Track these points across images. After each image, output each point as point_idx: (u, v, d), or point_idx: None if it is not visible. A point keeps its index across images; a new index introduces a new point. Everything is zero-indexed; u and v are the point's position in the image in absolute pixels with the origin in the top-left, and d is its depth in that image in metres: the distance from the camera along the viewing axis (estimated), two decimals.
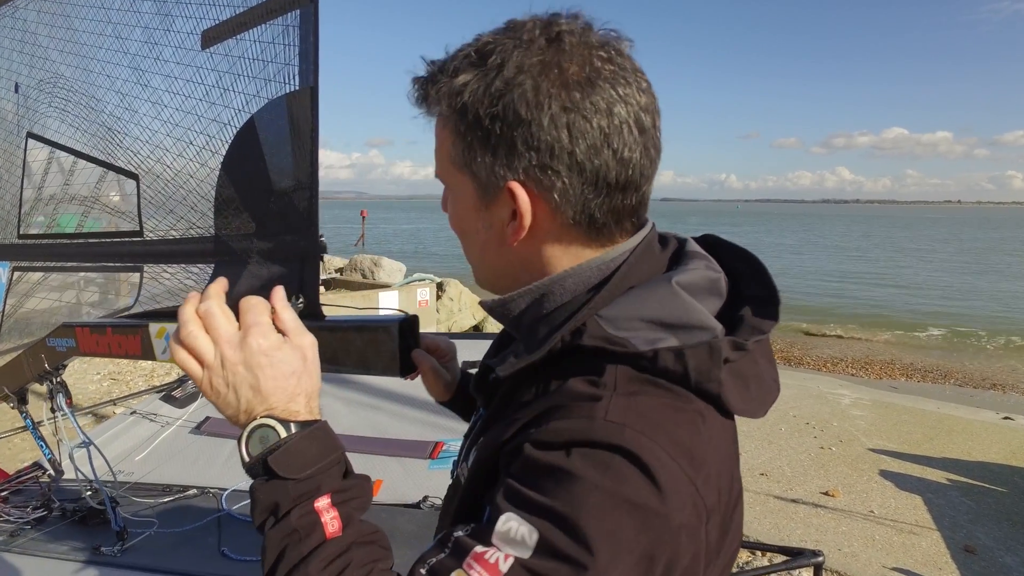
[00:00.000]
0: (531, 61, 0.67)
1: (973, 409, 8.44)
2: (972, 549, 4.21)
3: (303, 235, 1.08)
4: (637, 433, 0.63)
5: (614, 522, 0.60)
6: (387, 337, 1.01)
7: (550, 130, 0.67)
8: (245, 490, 2.38)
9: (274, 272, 1.15)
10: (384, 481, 2.48)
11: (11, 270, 2.19)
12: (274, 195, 1.14)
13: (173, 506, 2.38)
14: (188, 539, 2.16)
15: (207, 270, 1.35)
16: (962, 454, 6.12)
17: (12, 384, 2.01)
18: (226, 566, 2.02)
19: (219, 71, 1.25)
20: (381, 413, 3.00)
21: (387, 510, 2.32)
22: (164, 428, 2.97)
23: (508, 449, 0.69)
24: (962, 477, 5.52)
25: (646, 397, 0.67)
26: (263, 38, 1.13)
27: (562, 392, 0.70)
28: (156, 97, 1.43)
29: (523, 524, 0.62)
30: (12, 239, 2.16)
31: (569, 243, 0.75)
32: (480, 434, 0.82)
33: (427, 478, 2.51)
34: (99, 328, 1.54)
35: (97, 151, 1.68)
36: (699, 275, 0.74)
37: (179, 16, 1.34)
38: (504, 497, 0.65)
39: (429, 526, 2.21)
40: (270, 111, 1.13)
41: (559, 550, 0.60)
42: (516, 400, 0.76)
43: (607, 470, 0.61)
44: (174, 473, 2.66)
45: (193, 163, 1.35)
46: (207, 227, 1.33)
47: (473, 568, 0.62)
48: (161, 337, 1.36)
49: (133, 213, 1.57)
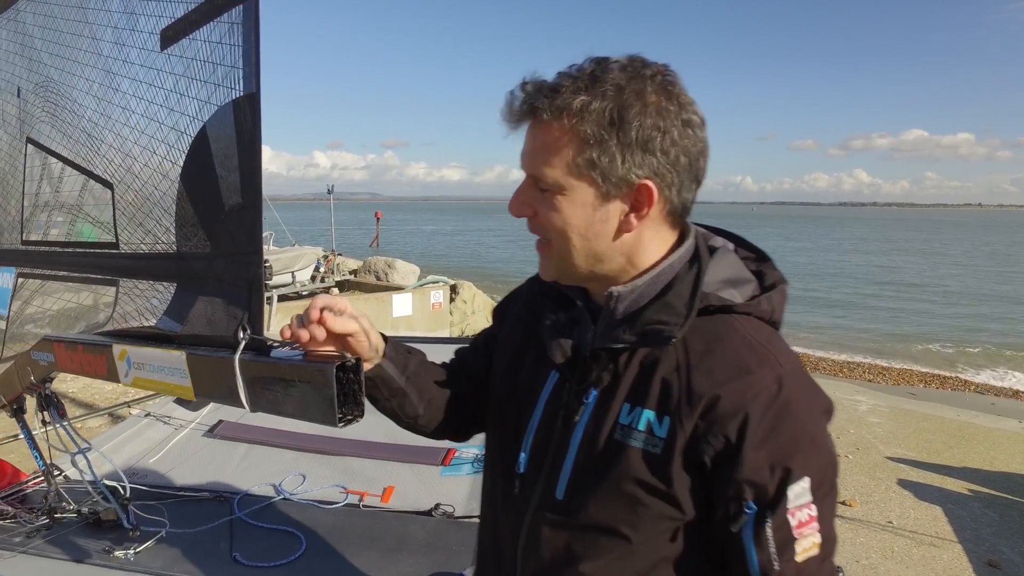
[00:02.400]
0: (655, 88, 0.83)
1: (994, 417, 7.98)
2: (996, 564, 3.89)
3: (249, 259, 0.91)
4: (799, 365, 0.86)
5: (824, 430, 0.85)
6: (323, 382, 0.83)
7: (679, 140, 0.83)
8: (257, 495, 2.24)
9: (224, 298, 0.98)
10: (396, 487, 2.36)
11: (16, 276, 2.08)
12: (224, 213, 0.96)
13: (185, 509, 2.27)
14: (200, 544, 2.04)
15: (170, 289, 1.19)
16: (984, 464, 5.74)
17: (8, 394, 1.89)
18: (238, 572, 1.90)
19: (176, 74, 1.08)
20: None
21: (399, 517, 2.18)
22: (177, 431, 2.85)
23: (717, 414, 0.81)
24: (984, 488, 5.16)
25: (771, 335, 0.88)
26: (212, 38, 0.96)
27: (728, 353, 0.84)
28: (125, 102, 1.28)
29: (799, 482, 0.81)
30: (17, 245, 2.04)
31: (659, 228, 0.90)
32: (629, 398, 0.87)
33: (439, 485, 2.37)
34: (72, 345, 1.40)
35: (79, 158, 1.53)
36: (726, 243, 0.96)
37: (142, 14, 1.18)
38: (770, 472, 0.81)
39: (441, 533, 2.05)
40: (219, 119, 0.96)
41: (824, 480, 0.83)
42: (655, 364, 0.86)
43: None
44: (186, 476, 2.53)
45: (156, 173, 1.18)
46: (171, 243, 1.17)
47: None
48: (123, 360, 1.20)
49: (110, 224, 1.42)
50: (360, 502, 2.28)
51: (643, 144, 0.82)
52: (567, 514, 0.89)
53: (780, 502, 0.81)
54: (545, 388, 0.95)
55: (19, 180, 1.97)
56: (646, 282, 0.90)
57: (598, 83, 0.81)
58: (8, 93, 1.96)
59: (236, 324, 0.92)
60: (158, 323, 1.15)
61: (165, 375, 1.07)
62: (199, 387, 1.01)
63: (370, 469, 2.48)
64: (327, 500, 2.30)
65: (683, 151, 0.84)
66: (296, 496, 2.33)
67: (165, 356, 1.06)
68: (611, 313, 0.90)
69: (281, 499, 2.32)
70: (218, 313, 0.96)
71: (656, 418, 0.84)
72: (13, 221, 2.04)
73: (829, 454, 0.85)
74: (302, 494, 2.34)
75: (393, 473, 2.45)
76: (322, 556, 1.98)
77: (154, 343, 1.13)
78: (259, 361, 0.88)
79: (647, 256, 0.90)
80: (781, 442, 0.81)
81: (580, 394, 0.91)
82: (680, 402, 0.83)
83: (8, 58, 1.92)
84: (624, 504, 0.85)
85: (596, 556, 0.88)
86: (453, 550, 1.98)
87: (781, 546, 0.81)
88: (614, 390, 0.88)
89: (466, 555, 1.94)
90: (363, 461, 2.53)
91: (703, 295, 0.86)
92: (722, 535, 0.84)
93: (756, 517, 0.81)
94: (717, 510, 0.84)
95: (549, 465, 0.92)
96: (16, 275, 2.06)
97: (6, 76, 1.96)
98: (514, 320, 1.08)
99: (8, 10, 1.86)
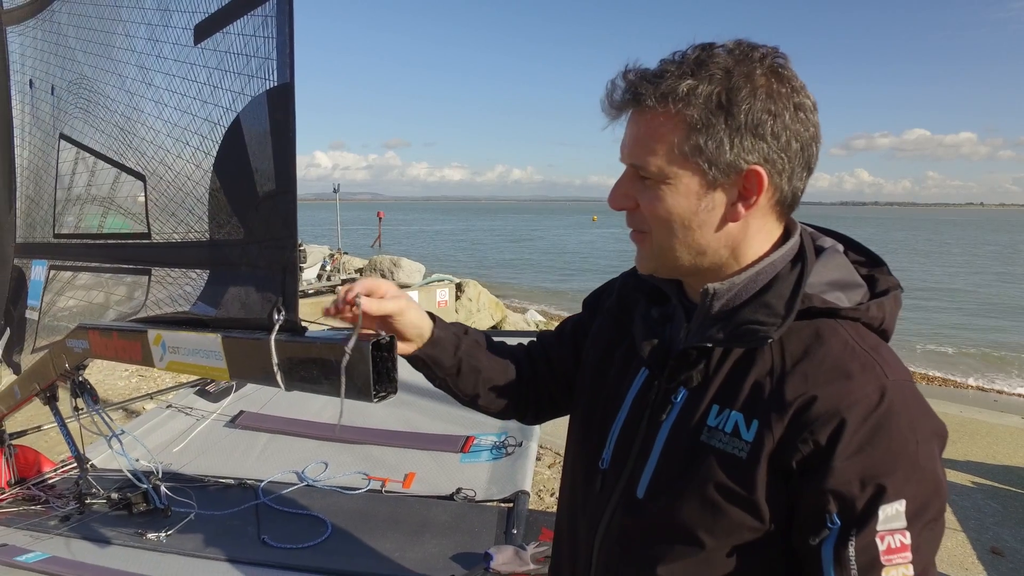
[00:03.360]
0: (764, 72, 0.77)
1: (997, 413, 7.89)
2: (999, 551, 3.86)
3: (284, 244, 0.92)
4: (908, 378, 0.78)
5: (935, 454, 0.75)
6: (360, 359, 0.84)
7: (791, 124, 0.78)
8: (281, 481, 2.26)
9: (257, 283, 0.99)
10: (417, 474, 2.38)
11: (48, 268, 2.10)
12: (259, 200, 0.97)
13: (211, 495, 2.29)
14: (228, 527, 2.07)
15: (203, 276, 1.20)
16: (987, 457, 5.69)
17: (41, 381, 1.91)
18: (267, 553, 1.92)
19: (209, 67, 1.09)
20: (412, 409, 2.86)
21: (421, 502, 2.20)
22: (199, 422, 2.87)
23: (809, 417, 0.74)
24: (987, 480, 5.12)
25: (879, 343, 0.80)
26: (245, 31, 0.97)
27: (827, 357, 0.77)
28: (158, 96, 1.29)
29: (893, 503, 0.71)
30: (49, 238, 2.07)
31: (766, 219, 0.83)
32: (717, 400, 0.82)
33: (459, 471, 2.39)
34: (107, 332, 1.42)
35: (111, 151, 1.55)
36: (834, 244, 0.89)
37: (176, 10, 1.19)
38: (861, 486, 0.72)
39: (462, 516, 2.07)
40: (253, 110, 0.97)
41: (924, 507, 0.73)
42: (749, 366, 0.81)
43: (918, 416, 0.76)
44: (210, 465, 2.55)
45: (189, 164, 1.20)
46: (203, 231, 1.18)
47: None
48: (158, 344, 1.21)
49: (142, 215, 1.44)
50: (382, 488, 2.29)
51: (753, 128, 0.77)
52: (646, 514, 0.85)
53: (869, 521, 0.71)
54: (633, 385, 0.91)
55: (52, 175, 1.99)
56: (745, 279, 0.84)
57: (704, 67, 0.77)
58: (42, 91, 1.98)
59: (271, 307, 0.93)
60: (192, 308, 1.16)
61: (200, 358, 1.08)
62: (234, 369, 1.02)
63: (391, 457, 2.49)
64: (350, 486, 2.31)
65: (795, 136, 0.78)
66: (319, 483, 2.35)
67: (200, 340, 1.07)
68: (706, 310, 0.85)
69: (304, 486, 2.33)
70: (252, 297, 0.97)
71: (744, 421, 0.78)
72: (45, 215, 2.07)
73: (935, 481, 0.74)
74: (325, 481, 2.36)
75: (413, 460, 2.46)
76: (348, 538, 1.99)
77: (188, 327, 1.14)
78: (294, 341, 0.89)
79: (751, 250, 0.84)
80: (877, 456, 0.72)
81: (669, 393, 0.86)
82: (770, 405, 0.77)
83: (43, 57, 1.95)
84: (703, 508, 0.79)
85: (671, 560, 0.83)
86: (475, 531, 1.99)
87: (864, 570, 0.72)
88: (704, 391, 0.83)
89: (487, 536, 1.95)
90: (384, 449, 2.54)
91: (805, 296, 0.80)
92: (802, 551, 0.76)
93: (839, 534, 0.73)
94: (799, 522, 0.76)
95: (632, 463, 0.88)
96: (48, 267, 2.09)
97: (40, 75, 1.98)
98: (607, 314, 1.04)
99: (43, 11, 1.89)
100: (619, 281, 1.05)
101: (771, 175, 0.79)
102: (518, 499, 2.13)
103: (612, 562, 0.89)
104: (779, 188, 0.81)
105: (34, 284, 2.18)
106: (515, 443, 2.44)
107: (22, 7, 2.01)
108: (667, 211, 0.82)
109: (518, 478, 2.24)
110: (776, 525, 0.77)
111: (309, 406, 2.92)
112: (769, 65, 0.78)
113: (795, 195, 0.83)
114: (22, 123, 2.16)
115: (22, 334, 2.22)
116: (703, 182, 0.80)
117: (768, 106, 0.77)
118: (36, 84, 2.03)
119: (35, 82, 2.04)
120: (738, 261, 0.84)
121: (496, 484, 2.25)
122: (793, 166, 0.80)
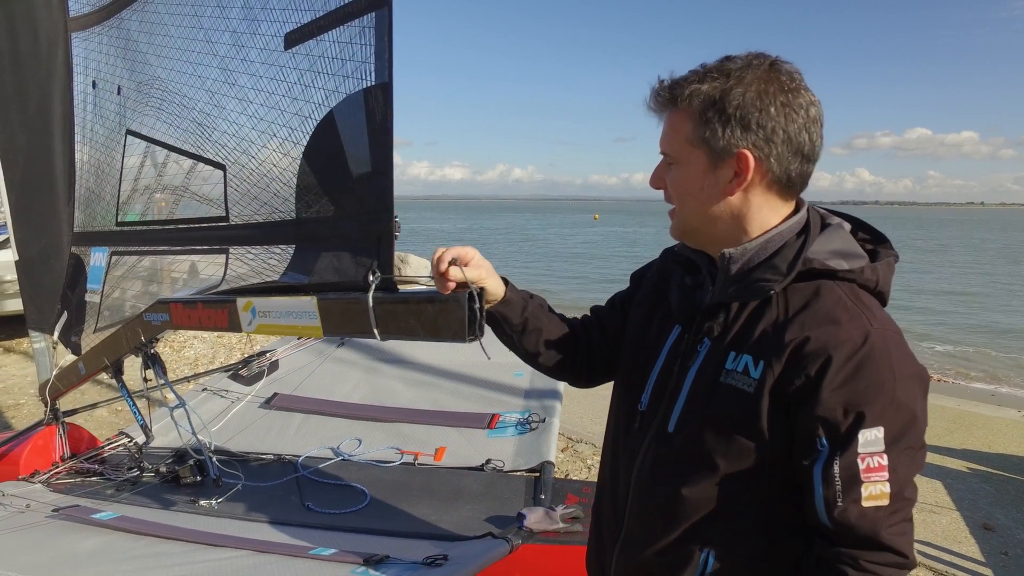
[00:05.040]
0: (758, 75, 0.94)
1: (994, 407, 8.09)
2: (990, 527, 4.06)
3: (379, 217, 1.11)
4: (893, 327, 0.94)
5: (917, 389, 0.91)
6: (456, 307, 1.03)
7: (775, 116, 0.94)
8: (318, 456, 2.42)
9: (352, 251, 1.18)
10: (447, 448, 2.53)
11: (109, 254, 2.28)
12: (352, 181, 1.16)
13: (252, 469, 2.43)
14: (273, 497, 2.21)
15: (288, 250, 1.39)
16: (982, 446, 5.88)
17: (111, 356, 2.09)
18: (311, 517, 2.07)
19: (300, 69, 1.28)
20: (437, 390, 3.02)
21: (453, 472, 2.35)
22: (234, 403, 3.02)
23: (802, 354, 0.90)
24: (982, 466, 5.30)
25: (871, 301, 0.96)
26: (341, 39, 1.16)
27: (821, 308, 0.93)
28: (243, 94, 1.47)
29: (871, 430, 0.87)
30: (111, 227, 2.25)
31: (767, 196, 0.99)
32: (734, 347, 0.99)
33: (486, 445, 2.52)
34: (191, 303, 1.60)
35: (188, 145, 1.73)
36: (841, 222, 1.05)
37: (264, 20, 1.37)
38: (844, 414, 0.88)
39: (493, 485, 2.24)
40: (348, 105, 1.15)
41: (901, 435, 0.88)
42: (759, 318, 0.97)
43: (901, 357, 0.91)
44: (248, 442, 2.71)
45: (276, 153, 1.38)
46: (288, 211, 1.36)
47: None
48: (248, 311, 1.40)
49: (220, 200, 1.62)
50: (415, 461, 2.46)
51: (741, 120, 0.93)
52: (674, 445, 1.02)
53: (850, 444, 0.87)
54: (668, 339, 1.09)
55: (115, 169, 2.18)
56: (756, 246, 1.00)
57: (712, 73, 0.96)
58: (107, 91, 2.17)
59: (365, 270, 1.12)
60: (282, 278, 1.34)
61: (293, 319, 1.26)
62: (328, 326, 1.20)
63: (421, 433, 2.65)
64: (384, 459, 2.48)
65: (780, 126, 0.94)
66: (355, 457, 2.51)
67: (294, 303, 1.26)
68: (725, 272, 1.01)
69: (340, 460, 2.49)
70: (346, 263, 1.16)
71: (752, 362, 0.94)
72: (107, 205, 2.25)
73: (911, 414, 0.89)
74: (360, 455, 2.52)
75: (443, 436, 2.62)
76: (387, 505, 2.16)
77: (278, 294, 1.33)
78: (391, 297, 1.07)
79: (757, 222, 1.00)
80: (859, 389, 0.87)
81: (695, 344, 1.03)
82: (773, 347, 0.93)
83: (108, 60, 2.13)
84: (718, 437, 0.96)
85: (693, 482, 0.99)
86: (506, 498, 2.16)
87: (847, 485, 0.87)
88: (723, 340, 0.99)
89: (517, 502, 2.12)
90: (414, 427, 2.71)
91: (807, 259, 0.95)
92: (798, 471, 0.92)
93: (827, 455, 0.88)
94: (795, 447, 0.92)
95: (665, 403, 1.05)
96: (110, 253, 2.27)
97: (105, 76, 2.17)
98: (649, 284, 1.21)
99: (111, 19, 2.07)
100: (660, 258, 1.23)
101: (759, 159, 0.95)
102: (544, 469, 2.31)
103: (646, 485, 1.06)
104: (770, 170, 0.96)
105: (94, 270, 2.36)
106: (539, 419, 2.61)
107: (88, 15, 2.19)
108: (683, 186, 1.01)
109: (543, 450, 2.41)
110: (777, 451, 0.93)
111: (340, 387, 3.09)
112: (765, 69, 0.95)
113: (790, 177, 0.98)
114: (83, 121, 2.35)
115: (81, 316, 2.40)
116: (707, 163, 0.98)
117: (755, 102, 0.93)
118: (99, 85, 2.22)
119: (98, 83, 2.23)
120: (747, 232, 1.00)
121: (522, 456, 2.42)
122: (780, 151, 0.95)
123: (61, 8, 2.25)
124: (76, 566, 1.68)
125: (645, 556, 1.06)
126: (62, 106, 2.37)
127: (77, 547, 1.77)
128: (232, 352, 6.85)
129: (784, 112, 0.94)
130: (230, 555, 1.71)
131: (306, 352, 3.51)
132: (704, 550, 1.00)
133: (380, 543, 1.81)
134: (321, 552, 1.69)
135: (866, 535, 0.89)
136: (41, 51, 2.31)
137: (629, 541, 1.09)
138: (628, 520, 1.10)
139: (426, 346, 3.55)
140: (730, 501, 0.98)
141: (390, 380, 3.14)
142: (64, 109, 2.37)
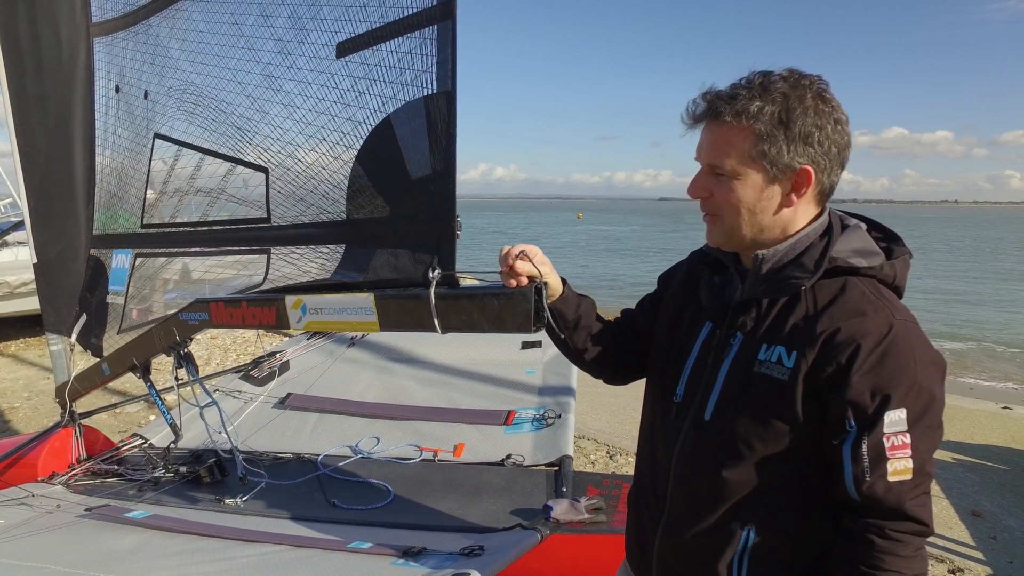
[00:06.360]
0: (812, 95, 1.03)
1: (974, 400, 8.35)
2: (979, 513, 4.24)
3: (440, 217, 1.17)
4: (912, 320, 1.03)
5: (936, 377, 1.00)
6: (523, 299, 1.09)
7: (831, 135, 1.03)
8: (337, 455, 2.45)
9: (411, 249, 1.24)
10: (466, 444, 2.57)
11: (134, 256, 2.31)
12: (411, 183, 1.22)
13: (273, 468, 2.44)
14: (296, 495, 2.23)
15: (337, 250, 1.44)
16: (965, 438, 6.08)
17: (141, 356, 2.12)
18: (339, 513, 2.11)
19: (354, 77, 1.34)
20: (451, 388, 3.06)
21: (474, 468, 2.40)
22: (248, 404, 3.04)
23: (833, 344, 0.99)
24: (966, 457, 5.50)
25: (890, 295, 1.05)
26: (400, 49, 1.22)
27: (848, 302, 1.02)
28: (288, 100, 1.52)
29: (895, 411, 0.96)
30: (135, 229, 2.28)
31: (809, 205, 1.08)
32: (766, 339, 1.07)
33: (504, 441, 2.57)
34: (234, 302, 1.65)
35: (226, 149, 1.77)
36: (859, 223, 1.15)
37: (314, 30, 1.43)
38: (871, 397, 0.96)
39: (514, 479, 2.29)
40: (407, 111, 1.21)
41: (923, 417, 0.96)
42: (789, 312, 1.05)
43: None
44: (265, 442, 2.73)
45: (326, 157, 1.44)
46: (338, 212, 1.42)
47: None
48: (297, 308, 1.45)
49: (260, 202, 1.67)
50: (435, 457, 2.50)
51: (804, 138, 1.02)
52: (712, 431, 1.10)
53: (877, 424, 0.96)
54: (700, 335, 1.16)
55: (141, 172, 2.21)
56: (786, 247, 1.08)
57: (767, 92, 1.02)
58: (132, 96, 2.20)
59: (425, 267, 1.18)
60: (334, 275, 1.40)
61: (348, 315, 1.32)
62: (385, 321, 1.26)
63: (438, 430, 2.70)
64: (404, 456, 2.52)
65: (834, 143, 1.03)
66: (374, 454, 2.55)
67: (350, 300, 1.31)
68: (757, 271, 1.09)
69: (360, 458, 2.53)
70: (403, 261, 1.22)
71: (786, 352, 1.03)
72: (132, 208, 2.28)
73: (930, 396, 0.98)
74: (379, 453, 2.56)
75: (460, 433, 2.66)
76: (411, 501, 2.20)
77: (329, 291, 1.38)
78: (454, 292, 1.14)
79: (795, 228, 1.08)
80: (884, 374, 0.96)
81: (728, 338, 1.11)
82: (806, 338, 1.01)
83: (134, 66, 2.17)
84: (755, 422, 1.04)
85: (731, 465, 1.07)
86: (527, 491, 2.22)
87: (874, 462, 0.96)
88: (755, 333, 1.07)
89: (539, 495, 2.18)
90: (431, 424, 2.75)
91: (832, 258, 1.04)
92: (828, 451, 1.01)
93: (856, 435, 0.97)
94: (827, 428, 1.00)
95: (700, 394, 1.12)
96: (134, 255, 2.30)
97: (130, 81, 2.20)
98: (678, 285, 1.28)
99: (137, 24, 2.10)
100: (687, 259, 1.30)
101: (817, 173, 1.04)
102: (563, 462, 2.37)
103: (686, 472, 1.14)
104: (821, 182, 1.06)
105: (116, 272, 2.39)
106: (554, 415, 2.67)
107: (111, 20, 2.22)
108: (737, 200, 1.07)
109: (561, 444, 2.48)
110: (810, 433, 1.01)
111: (354, 387, 3.13)
112: (816, 90, 1.04)
113: (832, 187, 1.08)
114: (104, 125, 2.37)
115: (103, 318, 2.43)
116: (766, 178, 1.04)
117: (816, 121, 1.02)
118: (124, 89, 2.25)
119: (122, 87, 2.26)
120: (786, 236, 1.09)
121: (541, 451, 2.48)
122: (832, 165, 1.05)
123: (84, 14, 2.28)
124: (121, 563, 1.71)
125: (689, 535, 1.13)
126: (83, 110, 2.39)
127: (117, 544, 1.81)
128: (227, 354, 6.83)
129: (837, 130, 1.04)
130: (270, 550, 1.75)
131: (316, 353, 3.55)
132: (745, 528, 1.08)
133: (413, 536, 1.86)
134: (360, 545, 1.74)
135: (892, 507, 0.98)
136: (63, 56, 2.33)
137: (672, 522, 1.17)
138: (670, 503, 1.17)
139: (436, 345, 3.60)
140: (767, 481, 1.06)
141: (403, 379, 3.19)
142: (85, 113, 2.39)
